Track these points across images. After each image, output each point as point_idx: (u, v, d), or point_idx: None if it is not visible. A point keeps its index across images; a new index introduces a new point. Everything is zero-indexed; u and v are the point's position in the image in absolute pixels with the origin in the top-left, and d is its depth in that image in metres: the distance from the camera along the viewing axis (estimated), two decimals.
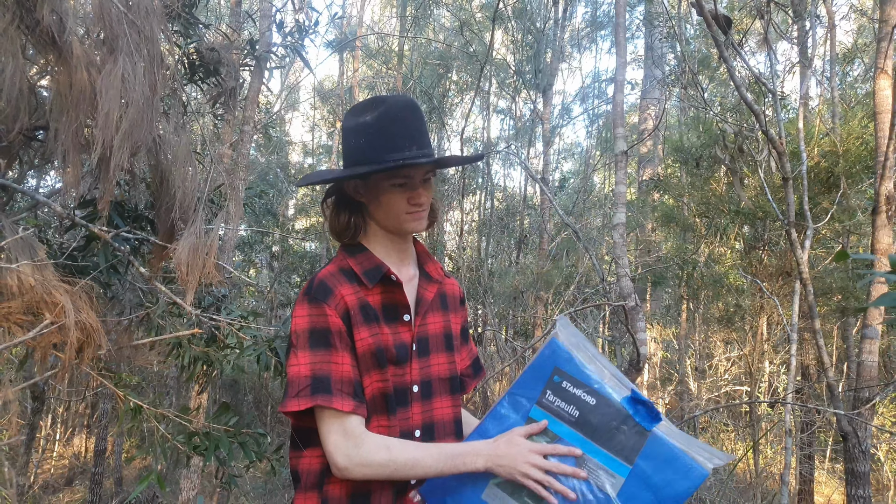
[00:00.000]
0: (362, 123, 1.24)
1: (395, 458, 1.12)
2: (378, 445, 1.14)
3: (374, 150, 1.21)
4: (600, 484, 1.09)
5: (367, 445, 1.13)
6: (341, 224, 1.29)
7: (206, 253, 1.86)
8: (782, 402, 4.47)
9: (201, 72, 2.95)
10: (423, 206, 1.26)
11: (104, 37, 1.86)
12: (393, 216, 1.25)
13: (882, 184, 3.41)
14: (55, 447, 8.64)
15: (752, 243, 6.58)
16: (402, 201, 1.24)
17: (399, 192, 1.23)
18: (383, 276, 1.26)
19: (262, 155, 11.43)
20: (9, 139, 1.94)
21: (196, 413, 1.91)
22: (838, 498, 6.87)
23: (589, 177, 11.28)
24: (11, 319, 1.70)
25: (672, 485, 1.07)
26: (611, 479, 1.09)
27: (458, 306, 1.43)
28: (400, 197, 1.24)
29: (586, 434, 1.12)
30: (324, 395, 1.13)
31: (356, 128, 1.25)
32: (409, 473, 1.13)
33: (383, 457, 1.12)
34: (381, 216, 1.27)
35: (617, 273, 3.34)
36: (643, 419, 1.10)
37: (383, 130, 1.22)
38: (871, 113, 5.04)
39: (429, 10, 10.41)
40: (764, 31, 3.60)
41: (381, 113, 1.23)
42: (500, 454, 1.12)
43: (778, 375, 7.63)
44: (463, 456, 1.13)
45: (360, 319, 1.21)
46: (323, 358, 1.16)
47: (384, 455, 1.13)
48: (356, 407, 1.15)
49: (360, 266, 1.26)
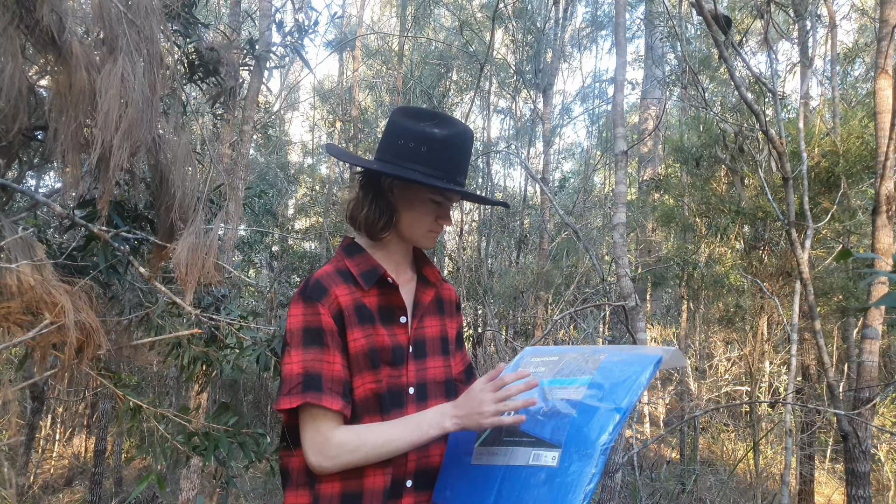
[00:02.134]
0: (428, 134, 1.24)
1: (365, 439, 1.15)
2: (346, 431, 1.16)
3: (433, 165, 1.24)
4: (562, 396, 1.15)
5: (336, 436, 1.15)
6: (371, 218, 1.27)
7: (205, 253, 1.86)
8: (783, 402, 4.47)
9: (201, 71, 2.95)
10: (444, 228, 1.33)
11: (104, 36, 1.85)
12: (418, 228, 1.29)
13: (882, 184, 3.41)
14: (55, 447, 8.63)
15: (753, 243, 6.58)
16: (430, 219, 1.29)
17: (433, 208, 1.28)
18: (380, 278, 1.27)
19: (261, 155, 11.42)
20: (8, 139, 1.93)
21: (195, 413, 1.91)
22: (838, 498, 6.87)
23: (589, 177, 11.27)
24: (11, 319, 1.70)
25: (634, 373, 1.13)
26: (573, 391, 1.14)
27: (454, 312, 1.45)
28: (431, 214, 1.29)
29: (551, 376, 1.21)
30: (314, 393, 1.15)
31: (419, 134, 1.25)
32: (383, 451, 1.15)
33: (352, 441, 1.15)
34: (405, 223, 1.29)
35: (617, 273, 3.33)
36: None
37: (448, 152, 1.25)
38: (871, 113, 5.04)
39: (429, 10, 10.41)
40: (764, 30, 3.60)
41: (450, 134, 1.26)
42: (460, 406, 1.16)
43: (778, 375, 7.63)
44: (429, 422, 1.17)
45: (355, 320, 1.22)
46: (315, 356, 1.17)
47: (353, 439, 1.15)
48: (343, 406, 1.17)
49: (357, 268, 1.27)
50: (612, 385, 1.11)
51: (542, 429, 1.11)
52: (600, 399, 1.09)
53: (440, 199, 1.27)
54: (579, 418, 1.08)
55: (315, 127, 14.49)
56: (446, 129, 1.25)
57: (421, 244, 1.32)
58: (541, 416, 1.13)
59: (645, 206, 9.05)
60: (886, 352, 7.15)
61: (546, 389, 1.17)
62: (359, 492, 1.18)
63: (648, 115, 11.54)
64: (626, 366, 1.14)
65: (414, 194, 1.27)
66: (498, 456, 1.15)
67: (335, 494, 1.18)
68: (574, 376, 1.17)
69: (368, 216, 1.27)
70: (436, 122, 1.26)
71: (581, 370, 1.17)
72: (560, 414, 1.11)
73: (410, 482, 1.22)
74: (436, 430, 1.16)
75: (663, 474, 7.14)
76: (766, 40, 3.58)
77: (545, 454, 1.08)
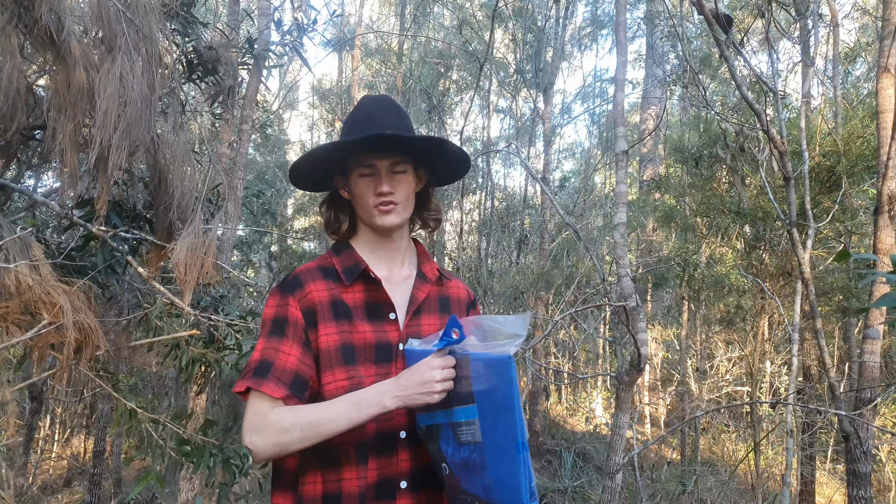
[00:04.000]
0: (343, 122, 1.33)
1: (300, 417, 1.12)
2: (283, 411, 1.14)
3: (343, 136, 1.27)
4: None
5: (272, 414, 1.13)
6: (329, 219, 1.33)
7: (204, 253, 1.85)
8: (784, 402, 4.46)
9: (199, 71, 2.94)
10: (388, 197, 1.24)
11: (102, 36, 1.84)
12: (364, 208, 1.27)
13: (885, 183, 3.40)
14: (54, 448, 8.62)
15: (753, 243, 6.57)
16: (369, 192, 1.25)
17: (367, 181, 1.25)
18: (362, 273, 1.26)
19: (260, 154, 11.41)
20: (6, 138, 1.92)
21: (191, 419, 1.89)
22: (839, 499, 6.86)
23: (590, 176, 11.26)
24: (9, 319, 1.69)
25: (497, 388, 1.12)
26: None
27: (464, 310, 1.40)
28: (367, 187, 1.25)
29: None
30: (258, 379, 1.15)
31: (342, 128, 1.32)
32: (321, 430, 1.11)
33: (287, 418, 1.12)
34: (358, 209, 1.30)
35: (618, 273, 3.32)
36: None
37: (352, 118, 1.28)
38: (873, 112, 5.03)
39: (428, 9, 10.40)
40: (765, 29, 3.59)
41: (355, 108, 1.30)
42: (403, 382, 1.12)
43: (779, 376, 7.62)
44: (369, 400, 1.12)
45: (329, 315, 1.21)
46: (273, 345, 1.18)
47: (288, 416, 1.13)
48: (287, 396, 1.15)
49: (341, 264, 1.28)
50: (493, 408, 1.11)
51: (476, 489, 1.12)
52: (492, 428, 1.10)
53: (367, 170, 1.25)
54: (496, 475, 1.10)
55: (314, 126, 14.48)
56: (356, 107, 1.31)
57: (376, 224, 1.26)
58: (469, 472, 1.13)
59: (646, 205, 9.04)
60: (887, 352, 7.15)
61: (448, 425, 1.16)
62: (337, 493, 1.16)
63: (649, 114, 11.53)
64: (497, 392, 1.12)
65: (351, 180, 1.28)
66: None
67: (318, 496, 1.17)
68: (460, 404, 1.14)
69: (325, 218, 1.34)
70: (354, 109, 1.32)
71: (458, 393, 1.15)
72: (480, 475, 1.11)
73: (405, 483, 1.19)
74: (376, 408, 1.10)
75: (664, 475, 7.14)
76: (767, 39, 3.57)
77: None
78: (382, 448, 1.19)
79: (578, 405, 11.78)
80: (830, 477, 7.74)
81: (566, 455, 7.75)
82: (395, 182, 1.25)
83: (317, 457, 1.18)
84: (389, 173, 1.25)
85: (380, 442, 1.19)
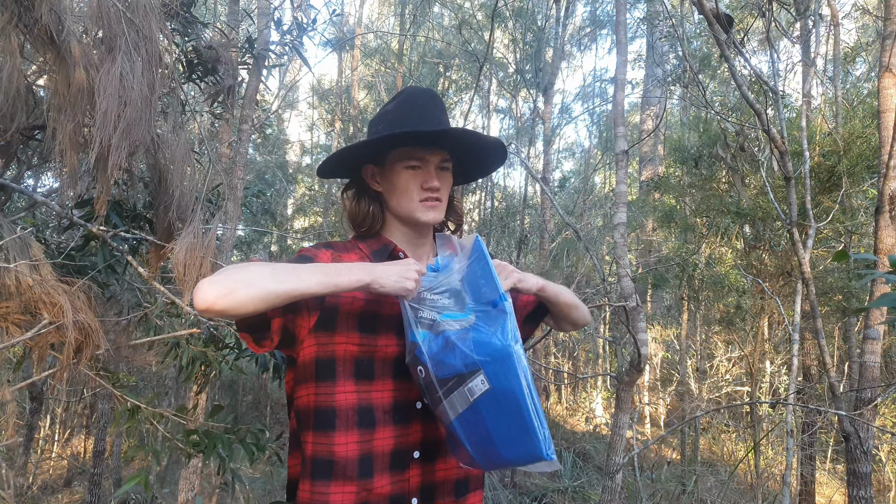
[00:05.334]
0: (384, 112, 1.25)
1: (262, 267, 1.00)
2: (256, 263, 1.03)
3: (391, 128, 1.21)
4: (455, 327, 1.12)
5: (241, 264, 1.01)
6: (361, 212, 1.26)
7: (203, 253, 1.85)
8: (784, 402, 4.46)
9: (199, 70, 2.94)
10: (437, 193, 1.23)
11: (102, 35, 1.84)
12: (406, 202, 1.22)
13: (886, 183, 3.40)
14: (54, 448, 8.62)
15: (753, 243, 6.57)
16: (415, 185, 1.21)
17: (413, 175, 1.21)
18: (391, 253, 1.23)
19: (259, 154, 11.41)
20: (6, 138, 1.92)
21: (194, 412, 1.90)
22: (839, 499, 6.86)
23: (590, 176, 11.26)
24: (9, 319, 1.69)
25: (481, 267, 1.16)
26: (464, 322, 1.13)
27: None
28: (413, 181, 1.21)
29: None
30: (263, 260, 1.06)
31: (378, 118, 1.26)
32: (282, 285, 0.96)
33: (257, 264, 1.00)
34: (395, 203, 1.24)
35: (618, 273, 3.32)
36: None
37: (399, 112, 1.22)
38: (873, 112, 5.03)
39: (427, 9, 10.39)
40: (766, 29, 3.58)
41: (400, 100, 1.25)
42: (382, 267, 1.07)
43: (779, 376, 7.62)
44: (346, 267, 1.06)
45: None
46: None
47: (260, 263, 1.01)
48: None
49: (369, 248, 1.25)
50: (477, 290, 1.12)
51: (455, 365, 1.07)
52: (482, 309, 1.10)
53: (415, 162, 1.21)
54: (477, 335, 1.07)
55: (314, 126, 14.49)
56: (397, 98, 1.26)
57: (419, 219, 1.23)
58: (444, 354, 1.09)
59: (645, 205, 9.04)
60: (887, 352, 7.15)
61: (441, 322, 1.12)
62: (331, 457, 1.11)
63: (648, 114, 11.53)
64: (474, 266, 1.16)
65: (391, 171, 1.23)
66: (445, 415, 1.10)
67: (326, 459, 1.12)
68: (458, 309, 1.14)
69: (353, 211, 1.26)
70: (392, 99, 1.27)
71: (459, 297, 1.15)
72: (460, 343, 1.08)
73: (417, 453, 1.17)
74: (347, 276, 1.02)
75: (664, 475, 7.14)
76: (767, 39, 3.57)
77: (474, 385, 1.05)
78: (401, 417, 1.16)
79: (578, 405, 11.79)
80: (830, 477, 7.74)
81: (566, 455, 7.75)
82: (441, 178, 1.24)
83: (327, 420, 1.13)
84: (437, 169, 1.24)
85: (399, 410, 1.16)
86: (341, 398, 1.12)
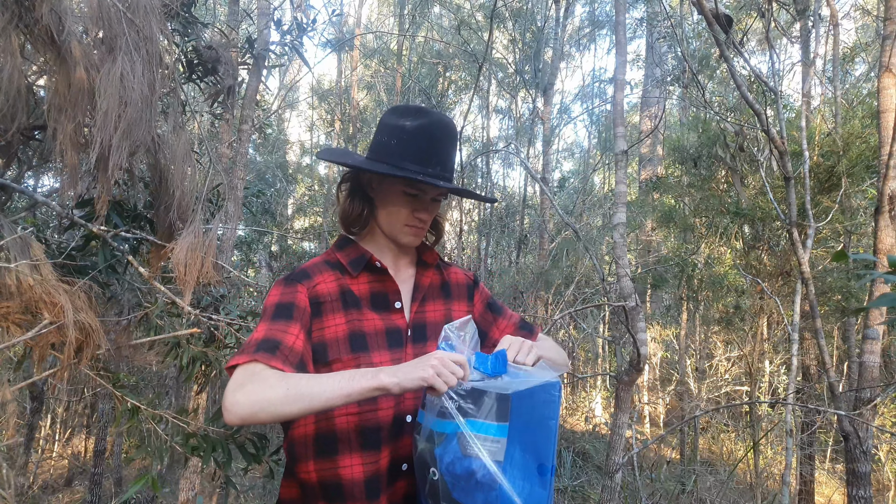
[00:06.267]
0: (399, 127, 1.24)
1: (290, 378, 1.02)
2: (274, 372, 1.04)
3: (401, 156, 1.22)
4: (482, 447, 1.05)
5: (264, 373, 1.03)
6: (354, 212, 1.29)
7: (203, 252, 1.85)
8: (783, 402, 4.46)
9: (199, 70, 2.94)
10: (423, 224, 1.28)
11: (103, 36, 1.84)
12: (394, 223, 1.27)
13: (886, 183, 3.40)
14: (54, 447, 8.62)
15: (752, 243, 6.58)
16: (406, 212, 1.25)
17: (408, 201, 1.25)
18: (367, 262, 1.26)
19: (260, 154, 11.42)
20: (7, 138, 1.92)
21: (194, 415, 1.90)
22: (839, 498, 6.86)
23: (589, 176, 11.27)
24: (10, 319, 1.69)
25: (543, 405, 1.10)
26: (491, 444, 1.05)
27: (466, 294, 1.41)
28: (406, 207, 1.25)
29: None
30: (266, 354, 1.06)
31: (393, 128, 1.25)
32: (307, 392, 0.99)
33: (275, 376, 1.02)
34: (383, 218, 1.28)
35: (617, 273, 3.32)
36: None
37: (416, 141, 1.22)
38: (873, 112, 5.03)
39: (427, 10, 10.40)
40: (766, 29, 3.59)
41: (420, 124, 1.23)
42: (403, 364, 1.04)
43: (778, 375, 7.63)
44: (364, 372, 1.03)
45: (338, 305, 1.21)
46: (280, 327, 1.13)
47: (277, 375, 1.03)
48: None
49: (346, 257, 1.28)
50: (528, 433, 1.06)
51: (475, 501, 1.03)
52: (520, 451, 1.05)
53: (413, 191, 1.24)
54: (502, 494, 1.02)
55: (313, 126, 14.49)
56: (418, 119, 1.24)
57: (399, 240, 1.28)
58: (468, 483, 1.03)
59: (645, 206, 9.05)
60: (887, 352, 7.16)
61: (464, 434, 1.04)
62: (337, 481, 1.14)
63: (648, 114, 11.53)
64: (541, 409, 1.08)
65: (389, 188, 1.26)
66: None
67: (319, 484, 1.15)
68: (488, 419, 1.05)
69: (345, 209, 1.29)
70: (411, 115, 1.25)
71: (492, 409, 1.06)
72: (486, 486, 1.02)
73: (406, 465, 1.19)
74: (368, 380, 1.00)
75: (663, 474, 7.14)
76: (767, 39, 3.57)
77: None
78: (394, 433, 1.18)
79: (578, 405, 11.79)
80: (830, 477, 7.75)
81: (566, 454, 7.75)
82: (432, 209, 1.29)
83: (327, 444, 1.16)
84: (432, 202, 1.28)
85: (394, 426, 1.18)
86: (342, 421, 1.15)
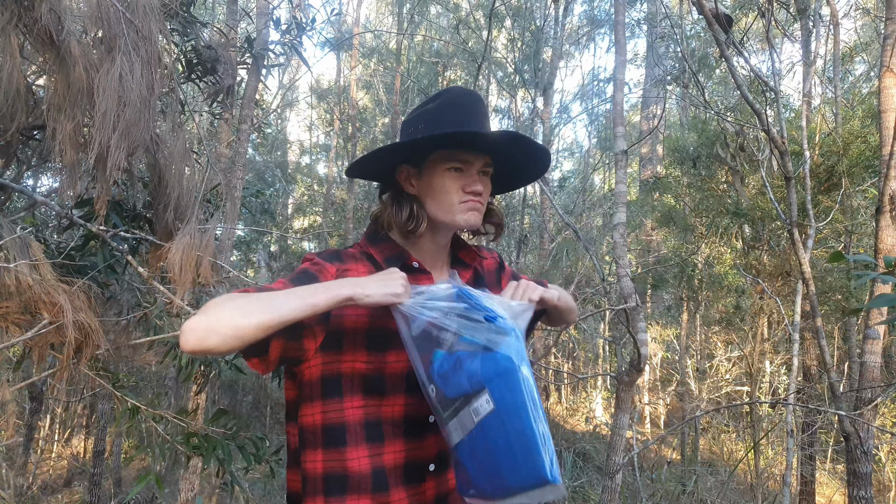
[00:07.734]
0: (424, 112, 1.19)
1: (251, 293, 0.97)
2: (241, 293, 0.99)
3: (434, 128, 1.14)
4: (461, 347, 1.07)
5: (229, 296, 0.98)
6: (404, 215, 1.18)
7: (200, 252, 1.85)
8: (784, 402, 4.46)
9: (198, 70, 2.94)
10: (479, 196, 1.18)
11: (102, 36, 1.84)
12: (447, 204, 1.16)
13: (887, 183, 3.39)
14: (54, 448, 8.62)
15: (752, 243, 6.58)
16: (456, 187, 1.16)
17: (455, 178, 1.17)
18: (404, 263, 1.18)
19: (259, 154, 11.42)
20: (6, 138, 1.92)
21: (194, 415, 1.90)
22: (839, 499, 6.86)
23: (589, 176, 11.26)
24: (9, 319, 1.69)
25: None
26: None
27: (496, 279, 1.36)
28: (454, 183, 1.16)
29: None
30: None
31: (418, 116, 1.19)
32: (264, 304, 0.93)
33: (238, 295, 0.96)
34: (434, 206, 1.18)
35: (617, 273, 3.32)
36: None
37: (446, 114, 1.16)
38: (873, 112, 5.03)
39: (425, 9, 10.40)
40: (766, 28, 3.59)
41: (445, 99, 1.17)
42: (369, 281, 1.02)
43: (778, 376, 7.62)
44: (318, 289, 0.99)
45: None
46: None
47: (240, 294, 0.97)
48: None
49: (381, 254, 1.20)
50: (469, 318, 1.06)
51: (462, 384, 1.03)
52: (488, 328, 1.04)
53: (457, 164, 1.16)
54: (486, 354, 1.03)
55: (313, 126, 14.49)
56: (440, 97, 1.19)
57: (459, 223, 1.17)
58: (454, 373, 1.05)
59: (645, 205, 9.04)
60: (887, 351, 7.16)
61: (460, 343, 1.08)
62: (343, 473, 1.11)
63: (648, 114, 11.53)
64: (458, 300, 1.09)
65: (431, 173, 1.18)
66: (453, 434, 1.07)
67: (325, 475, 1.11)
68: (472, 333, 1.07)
69: (396, 216, 1.19)
70: (431, 99, 1.20)
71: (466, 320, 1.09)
72: (468, 362, 1.04)
73: (433, 465, 1.15)
74: (324, 293, 0.97)
75: (664, 475, 7.14)
76: (767, 39, 3.57)
77: (479, 405, 1.02)
78: (412, 431, 1.14)
79: (578, 405, 11.79)
80: (830, 477, 7.75)
81: (566, 455, 7.75)
82: (483, 183, 1.19)
83: (336, 435, 1.11)
84: (480, 173, 1.19)
85: (410, 424, 1.14)
86: (349, 413, 1.11)
